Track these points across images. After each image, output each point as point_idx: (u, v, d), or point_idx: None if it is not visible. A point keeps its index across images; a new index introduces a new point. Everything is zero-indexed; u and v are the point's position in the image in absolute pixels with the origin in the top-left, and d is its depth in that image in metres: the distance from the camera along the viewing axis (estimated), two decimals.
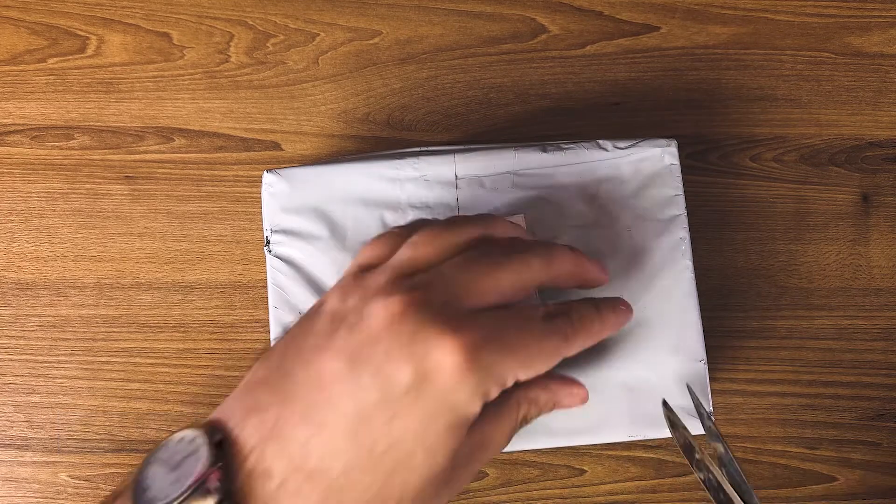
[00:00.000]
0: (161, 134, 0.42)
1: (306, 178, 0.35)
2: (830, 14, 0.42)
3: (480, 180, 0.34)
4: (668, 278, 0.34)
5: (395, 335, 0.23)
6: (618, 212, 0.34)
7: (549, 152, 0.34)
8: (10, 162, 0.41)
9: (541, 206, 0.34)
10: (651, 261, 0.34)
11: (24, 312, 0.40)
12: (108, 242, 0.41)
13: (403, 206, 0.34)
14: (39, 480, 0.39)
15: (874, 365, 0.40)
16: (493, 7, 0.42)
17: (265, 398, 0.24)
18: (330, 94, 0.42)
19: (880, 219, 0.41)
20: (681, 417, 0.31)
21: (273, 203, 0.35)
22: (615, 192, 0.34)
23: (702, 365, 0.33)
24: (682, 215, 0.34)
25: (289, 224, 0.35)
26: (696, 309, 0.33)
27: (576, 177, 0.34)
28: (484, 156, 0.35)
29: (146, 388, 0.40)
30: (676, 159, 0.35)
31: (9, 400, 0.40)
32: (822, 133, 0.41)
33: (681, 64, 0.42)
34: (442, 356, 0.23)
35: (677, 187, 0.34)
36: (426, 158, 0.35)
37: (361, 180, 0.35)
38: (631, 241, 0.34)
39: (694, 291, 0.34)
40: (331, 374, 0.23)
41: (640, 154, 0.35)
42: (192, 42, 0.42)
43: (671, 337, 0.33)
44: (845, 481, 0.39)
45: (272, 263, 0.34)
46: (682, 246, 0.34)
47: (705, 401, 0.33)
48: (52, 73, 0.42)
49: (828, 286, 0.40)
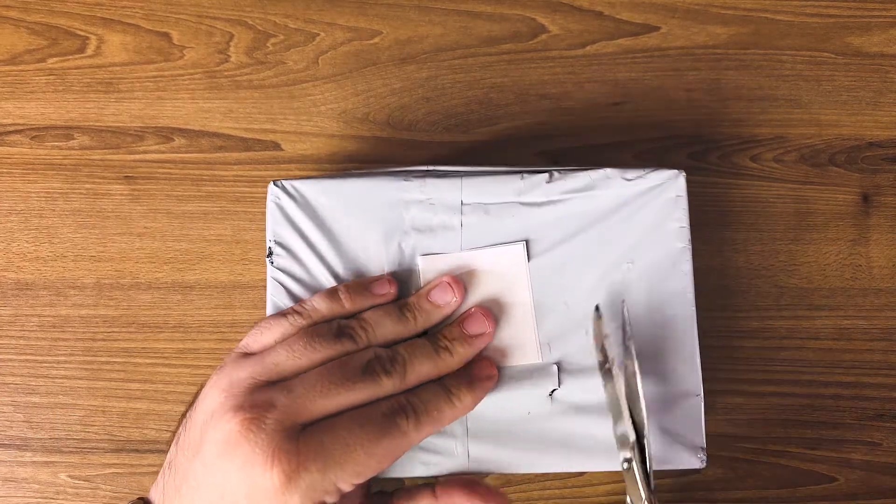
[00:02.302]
0: (161, 134, 0.42)
1: (313, 192, 0.35)
2: (830, 14, 0.42)
3: (486, 207, 0.34)
4: (669, 311, 0.33)
5: (233, 459, 0.28)
6: (621, 243, 0.34)
7: (555, 181, 0.34)
8: (9, 162, 0.41)
9: (543, 235, 0.34)
10: (652, 293, 0.34)
11: (24, 312, 0.40)
12: (108, 242, 0.41)
13: (407, 227, 0.34)
14: (39, 480, 0.39)
15: (874, 365, 0.40)
16: (493, 7, 0.42)
17: (169, 484, 0.30)
18: (330, 94, 0.42)
19: (880, 219, 0.41)
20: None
21: (278, 215, 0.35)
22: (619, 223, 0.34)
23: (698, 399, 0.33)
24: (686, 247, 0.34)
25: (292, 237, 0.34)
26: (696, 343, 0.33)
27: (580, 207, 0.34)
28: (490, 182, 0.34)
29: (146, 388, 0.40)
30: (684, 192, 0.34)
31: (8, 400, 0.40)
32: (822, 133, 0.41)
33: (681, 64, 0.42)
34: (264, 480, 0.27)
35: (683, 220, 0.34)
36: (433, 181, 0.34)
37: (367, 199, 0.34)
38: (633, 274, 0.34)
39: (694, 326, 0.33)
40: (200, 478, 0.29)
41: (646, 184, 0.34)
42: (192, 42, 0.42)
43: (669, 370, 0.33)
44: (845, 481, 0.39)
45: (273, 275, 0.34)
46: (685, 280, 0.34)
47: (697, 435, 0.33)
48: (52, 73, 0.42)
49: (828, 286, 0.40)
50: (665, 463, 0.32)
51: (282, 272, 0.34)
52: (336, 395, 0.29)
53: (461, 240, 0.34)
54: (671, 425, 0.33)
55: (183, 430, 0.31)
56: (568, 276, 0.34)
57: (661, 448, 0.32)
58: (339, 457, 0.28)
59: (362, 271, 0.34)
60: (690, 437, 0.33)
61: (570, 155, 0.41)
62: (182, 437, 0.30)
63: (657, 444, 0.32)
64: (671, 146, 0.41)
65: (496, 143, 0.41)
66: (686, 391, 0.33)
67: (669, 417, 0.33)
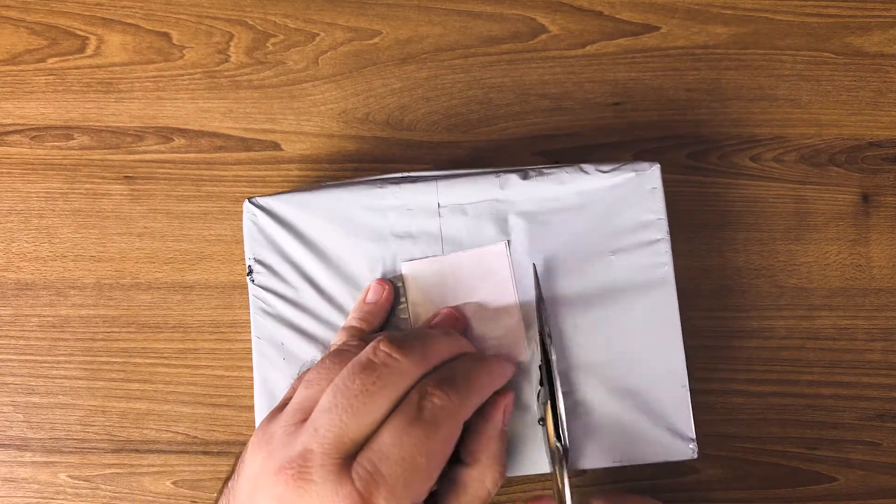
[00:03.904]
0: (160, 134, 0.42)
1: (288, 207, 0.35)
2: (830, 14, 0.42)
3: (463, 208, 0.34)
4: (650, 303, 0.33)
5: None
6: (600, 236, 0.34)
7: (532, 179, 0.34)
8: (9, 162, 0.41)
9: (523, 232, 0.34)
10: (634, 285, 0.34)
11: (24, 312, 0.40)
12: (108, 242, 0.41)
13: (387, 235, 0.34)
14: (39, 480, 0.39)
15: (874, 365, 0.40)
16: (493, 7, 0.42)
17: None
18: (330, 94, 0.42)
19: (880, 219, 0.41)
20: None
21: (255, 232, 0.35)
22: (597, 216, 0.34)
23: (684, 391, 0.33)
24: (665, 239, 0.34)
25: (271, 254, 0.34)
26: (679, 333, 0.33)
27: (558, 202, 0.34)
28: (466, 183, 0.34)
29: (145, 388, 0.40)
30: (659, 183, 0.34)
31: (8, 400, 0.40)
32: (822, 133, 0.41)
33: (681, 64, 0.42)
34: None
35: (660, 211, 0.34)
36: (408, 186, 0.34)
37: (344, 209, 0.34)
38: (613, 266, 0.34)
39: (677, 315, 0.33)
40: None
41: (622, 177, 0.34)
42: (192, 42, 0.42)
43: (654, 362, 0.33)
44: (845, 481, 0.39)
45: (255, 293, 0.34)
46: (664, 271, 0.34)
47: (687, 426, 0.33)
48: (52, 73, 0.42)
49: (828, 286, 0.40)
50: (658, 456, 0.32)
51: (263, 289, 0.34)
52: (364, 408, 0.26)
53: (442, 243, 0.34)
54: (660, 418, 0.33)
55: (225, 501, 0.29)
56: (549, 271, 0.34)
57: (652, 442, 0.32)
58: (401, 475, 0.26)
59: (344, 282, 0.34)
60: (680, 428, 0.33)
61: (570, 155, 0.41)
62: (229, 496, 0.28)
63: (647, 440, 0.32)
64: (671, 146, 0.41)
65: (496, 143, 0.41)
66: (672, 383, 0.33)
67: (658, 410, 0.33)
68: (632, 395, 0.33)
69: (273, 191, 0.38)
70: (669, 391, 0.33)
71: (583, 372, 0.33)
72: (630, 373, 0.33)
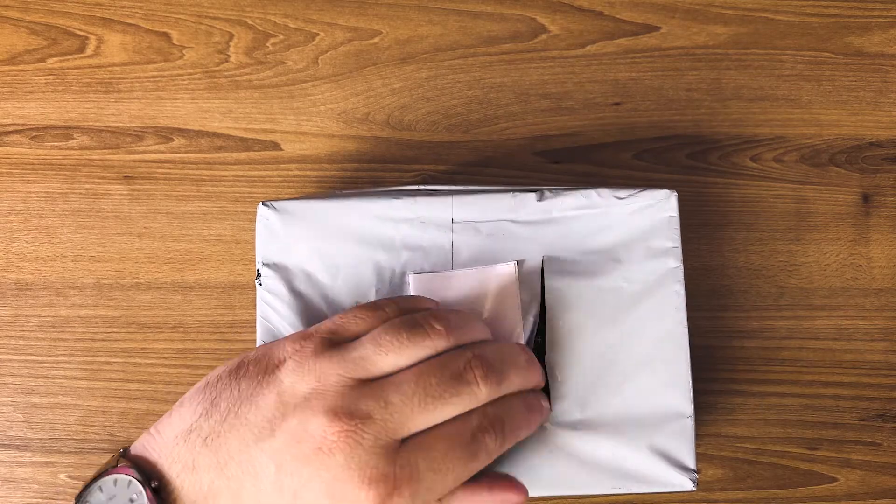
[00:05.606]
0: (160, 134, 0.42)
1: (302, 212, 0.34)
2: (831, 14, 0.42)
3: (476, 226, 0.34)
4: (660, 331, 0.33)
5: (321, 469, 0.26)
6: (613, 262, 0.34)
7: (547, 199, 0.34)
8: (9, 162, 0.41)
9: (535, 254, 0.34)
10: (644, 314, 0.33)
11: (24, 313, 0.40)
12: (108, 242, 0.41)
13: (398, 246, 0.34)
14: (38, 481, 0.39)
15: (874, 365, 0.40)
16: (493, 7, 0.42)
17: (203, 460, 0.27)
18: (330, 94, 0.42)
19: (881, 219, 0.41)
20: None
21: (267, 236, 0.34)
22: (611, 242, 0.34)
23: (689, 421, 0.32)
24: (679, 268, 0.33)
25: (281, 258, 0.34)
26: (687, 364, 0.33)
27: (572, 225, 0.34)
28: (481, 200, 0.34)
29: (145, 388, 0.40)
30: (676, 211, 0.34)
31: (8, 400, 0.40)
32: (822, 133, 0.41)
33: (681, 64, 0.42)
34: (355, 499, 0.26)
35: (675, 239, 0.34)
36: (423, 200, 0.34)
37: (357, 218, 0.34)
38: (625, 293, 0.33)
39: (686, 346, 0.33)
40: (263, 470, 0.27)
41: (638, 204, 0.34)
42: (192, 42, 0.42)
43: (660, 392, 0.33)
44: (845, 481, 0.39)
45: (262, 297, 0.34)
46: (676, 300, 0.33)
47: (689, 457, 0.32)
48: (52, 73, 0.42)
49: (828, 286, 0.40)
50: (656, 485, 0.32)
51: (271, 294, 0.34)
52: (433, 411, 0.27)
53: (452, 258, 0.34)
54: (662, 446, 0.32)
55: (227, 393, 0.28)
56: (559, 296, 0.34)
57: (651, 470, 0.32)
58: (430, 482, 0.27)
59: (353, 291, 0.34)
60: (681, 458, 0.32)
61: (569, 155, 0.41)
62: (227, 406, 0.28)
63: (646, 469, 0.32)
64: (671, 146, 0.41)
65: (496, 143, 0.41)
66: (677, 412, 0.32)
67: (660, 438, 0.32)
68: (634, 423, 0.32)
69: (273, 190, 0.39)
70: (673, 420, 0.32)
71: (584, 397, 0.33)
72: (635, 401, 0.32)
